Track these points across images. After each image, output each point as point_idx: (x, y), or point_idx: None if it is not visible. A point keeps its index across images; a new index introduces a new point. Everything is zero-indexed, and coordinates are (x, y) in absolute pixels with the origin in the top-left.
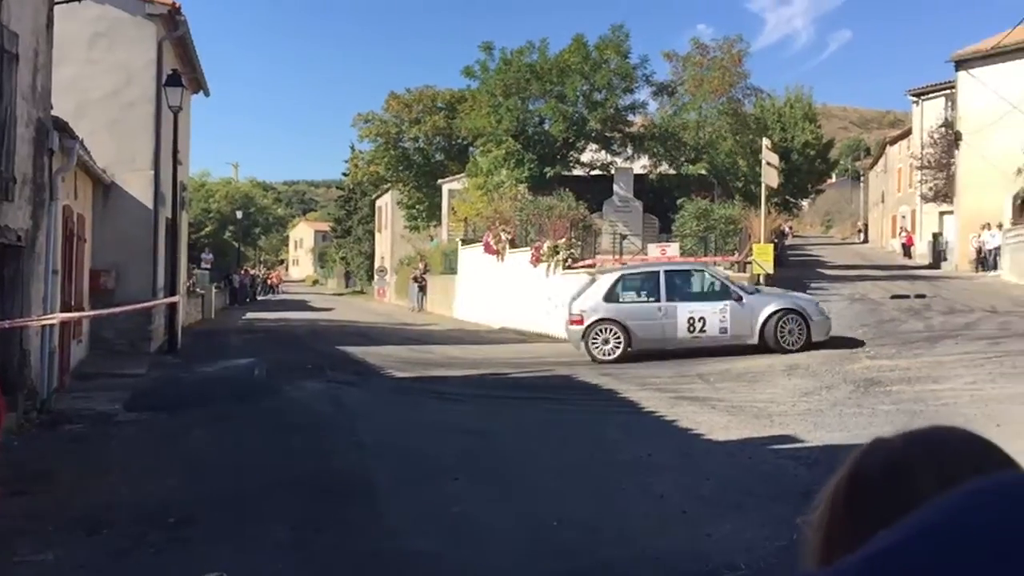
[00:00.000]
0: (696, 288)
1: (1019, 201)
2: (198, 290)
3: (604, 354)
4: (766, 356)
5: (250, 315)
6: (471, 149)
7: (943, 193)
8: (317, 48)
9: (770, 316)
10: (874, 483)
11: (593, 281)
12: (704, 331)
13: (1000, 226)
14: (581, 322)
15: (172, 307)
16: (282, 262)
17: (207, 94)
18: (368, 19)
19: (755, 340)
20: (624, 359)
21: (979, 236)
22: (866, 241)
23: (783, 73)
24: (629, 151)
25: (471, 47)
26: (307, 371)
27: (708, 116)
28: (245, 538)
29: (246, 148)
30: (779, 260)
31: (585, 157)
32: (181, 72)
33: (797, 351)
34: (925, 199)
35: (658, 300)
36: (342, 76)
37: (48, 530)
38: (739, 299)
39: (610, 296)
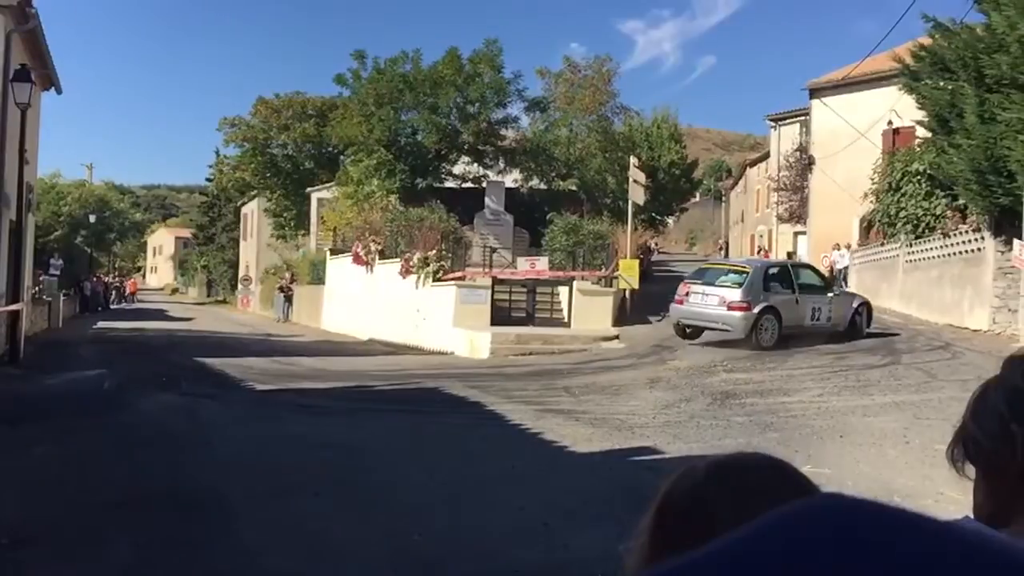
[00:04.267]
0: (810, 281)
1: (865, 224)
2: (45, 297)
3: (766, 341)
4: (629, 370)
5: (102, 324)
6: (342, 158)
7: (797, 214)
8: (180, 48)
9: (859, 306)
10: (677, 511)
11: (721, 272)
12: (819, 319)
13: (849, 246)
14: (748, 308)
15: (14, 315)
16: (139, 269)
17: (59, 91)
18: (234, 21)
19: (844, 327)
20: (779, 344)
21: (830, 256)
22: (727, 258)
23: (652, 94)
24: (501, 165)
25: (342, 55)
26: (161, 384)
27: (579, 133)
28: (87, 559)
29: (102, 150)
30: (645, 275)
31: (457, 169)
32: (31, 67)
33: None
34: (781, 219)
35: (793, 292)
36: (207, 78)
37: None
38: (838, 293)
39: (766, 287)
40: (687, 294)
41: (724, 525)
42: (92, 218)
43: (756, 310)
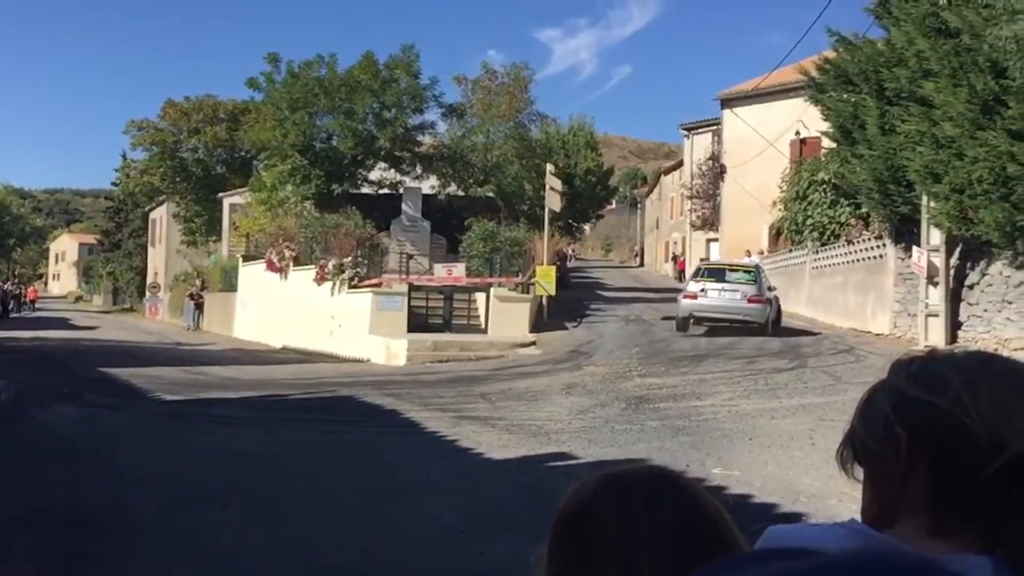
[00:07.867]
0: (766, 281)
1: (775, 231)
2: None
3: (769, 329)
4: (545, 376)
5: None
6: (255, 163)
7: (710, 221)
8: (84, 47)
9: (778, 303)
10: (569, 522)
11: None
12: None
13: (761, 253)
14: (766, 302)
15: None
16: (40, 276)
17: None
18: (141, 20)
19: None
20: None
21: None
22: (642, 265)
23: (569, 102)
24: (418, 171)
25: (255, 59)
26: (63, 395)
27: (496, 139)
28: None
29: (1, 152)
30: (562, 282)
31: (374, 175)
32: None
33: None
34: (694, 226)
35: (771, 289)
36: (112, 79)
37: None
38: (772, 289)
39: (768, 285)
40: (702, 290)
41: (610, 534)
42: None
43: (768, 303)
